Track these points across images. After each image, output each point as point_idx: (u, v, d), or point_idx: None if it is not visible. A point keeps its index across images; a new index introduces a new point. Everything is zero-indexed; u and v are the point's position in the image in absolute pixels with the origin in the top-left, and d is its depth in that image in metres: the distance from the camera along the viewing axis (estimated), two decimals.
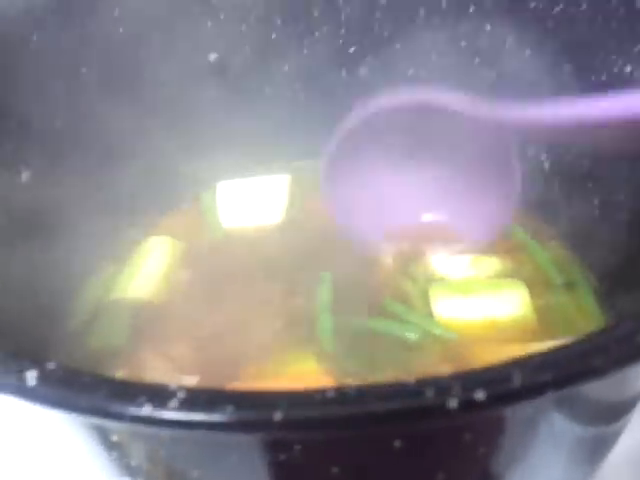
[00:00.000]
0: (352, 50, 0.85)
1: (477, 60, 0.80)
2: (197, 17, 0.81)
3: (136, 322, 0.77)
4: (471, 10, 0.76)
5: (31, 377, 0.36)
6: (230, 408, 0.34)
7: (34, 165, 0.71)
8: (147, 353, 0.74)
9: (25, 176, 0.70)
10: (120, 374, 0.71)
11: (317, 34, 0.84)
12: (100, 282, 0.82)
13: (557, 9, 0.70)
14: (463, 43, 0.79)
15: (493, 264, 0.79)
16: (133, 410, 0.34)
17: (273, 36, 0.84)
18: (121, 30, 0.77)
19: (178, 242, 0.87)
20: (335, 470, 0.41)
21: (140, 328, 0.77)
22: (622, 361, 0.35)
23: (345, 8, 0.82)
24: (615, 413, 0.51)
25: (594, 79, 0.69)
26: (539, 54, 0.73)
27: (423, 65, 0.84)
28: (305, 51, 0.86)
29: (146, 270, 0.83)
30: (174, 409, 0.34)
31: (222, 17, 0.82)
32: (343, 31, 0.84)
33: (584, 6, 0.68)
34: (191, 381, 0.68)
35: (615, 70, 0.66)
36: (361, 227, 0.83)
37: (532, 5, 0.72)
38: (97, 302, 0.79)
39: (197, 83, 0.85)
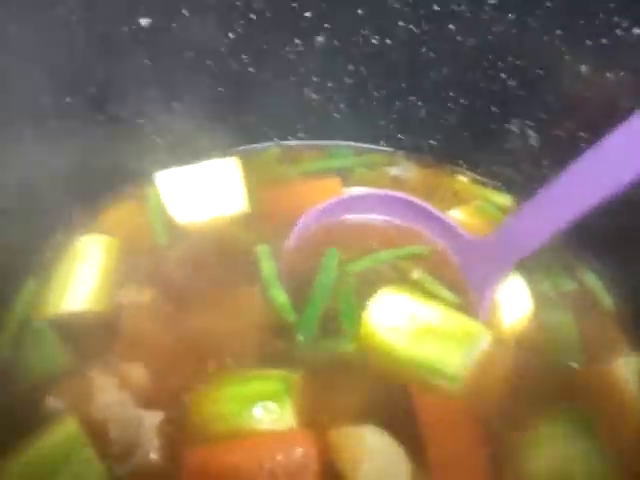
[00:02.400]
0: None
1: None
2: None
3: (76, 340, 0.65)
4: None
5: None
6: None
7: None
8: (95, 375, 0.62)
9: None
10: (60, 405, 0.59)
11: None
12: (25, 298, 0.68)
13: None
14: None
15: None
16: None
17: (212, 2, 0.73)
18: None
19: (116, 240, 0.74)
20: None
21: (82, 346, 0.65)
22: None
23: None
24: None
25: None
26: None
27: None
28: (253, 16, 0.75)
29: (80, 276, 0.70)
30: None
31: None
32: None
33: None
34: (154, 419, 0.57)
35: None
36: None
37: None
38: (24, 322, 0.66)
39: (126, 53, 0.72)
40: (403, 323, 0.67)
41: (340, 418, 0.61)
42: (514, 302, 0.71)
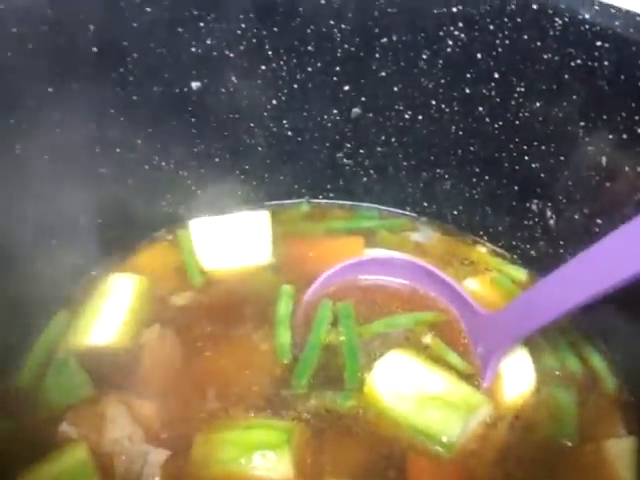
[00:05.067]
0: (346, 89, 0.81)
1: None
2: (182, 42, 0.75)
3: (97, 372, 0.70)
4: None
5: None
6: None
7: None
8: (108, 408, 0.66)
9: None
10: (73, 433, 0.63)
11: (310, 69, 0.80)
12: (54, 329, 0.74)
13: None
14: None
15: None
16: None
17: (262, 67, 0.79)
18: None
19: (146, 280, 0.80)
20: None
21: (101, 379, 0.69)
22: None
23: (342, 44, 0.78)
24: None
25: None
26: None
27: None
28: (295, 86, 0.81)
29: (108, 312, 0.75)
30: None
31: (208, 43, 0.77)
32: (337, 68, 0.79)
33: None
34: (160, 456, 0.61)
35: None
36: None
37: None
38: (50, 351, 0.71)
39: (176, 111, 0.79)
40: (406, 387, 0.69)
41: (335, 473, 0.64)
42: (518, 375, 0.72)
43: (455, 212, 0.89)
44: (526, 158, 0.78)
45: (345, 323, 0.77)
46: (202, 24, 0.74)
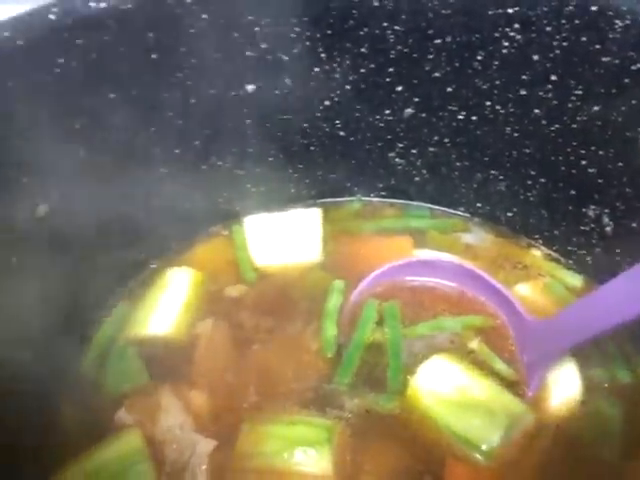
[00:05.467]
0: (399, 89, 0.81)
1: None
2: (237, 46, 0.77)
3: (153, 362, 0.74)
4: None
5: None
6: None
7: (51, 198, 0.69)
8: (163, 397, 0.70)
9: (42, 209, 0.68)
10: (129, 420, 0.68)
11: (363, 71, 0.80)
12: (115, 319, 0.79)
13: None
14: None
15: None
16: None
17: (315, 70, 0.80)
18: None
19: (202, 274, 0.83)
20: None
21: (157, 369, 0.74)
22: None
23: (395, 46, 0.78)
24: None
25: None
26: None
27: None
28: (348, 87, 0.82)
29: (165, 304, 0.79)
30: None
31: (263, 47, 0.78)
32: (391, 69, 0.79)
33: None
34: (208, 446, 0.64)
35: None
36: None
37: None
38: (111, 340, 0.76)
39: (232, 113, 0.82)
40: (449, 392, 0.69)
41: (372, 473, 0.66)
42: (563, 385, 0.71)
43: (509, 214, 0.87)
44: (583, 162, 0.76)
45: (390, 323, 0.78)
46: (257, 29, 0.75)
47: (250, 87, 0.80)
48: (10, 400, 0.60)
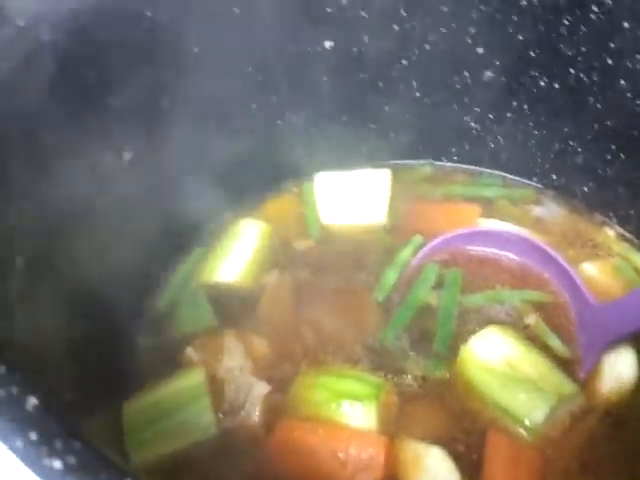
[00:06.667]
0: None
1: None
2: (319, 2, 0.77)
3: (221, 306, 0.79)
4: None
5: None
6: None
7: (136, 146, 0.72)
8: (227, 340, 0.75)
9: (127, 156, 0.72)
10: (196, 357, 0.73)
11: (443, 30, 0.78)
12: (190, 263, 0.84)
13: None
14: None
15: None
16: None
17: (395, 27, 0.79)
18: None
19: (271, 227, 0.87)
20: None
21: (224, 313, 0.79)
22: None
23: (478, 6, 0.75)
24: None
25: None
26: None
27: None
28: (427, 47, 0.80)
29: (236, 254, 0.84)
30: None
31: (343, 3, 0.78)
32: (472, 30, 0.77)
33: None
34: (263, 389, 0.69)
35: None
36: None
37: None
38: (185, 282, 0.82)
39: (308, 70, 0.82)
40: (499, 364, 0.70)
41: (414, 435, 0.68)
42: (618, 372, 0.70)
43: (585, 189, 0.84)
44: None
45: (449, 289, 0.78)
46: None
47: (328, 43, 0.80)
48: (94, 325, 0.66)
